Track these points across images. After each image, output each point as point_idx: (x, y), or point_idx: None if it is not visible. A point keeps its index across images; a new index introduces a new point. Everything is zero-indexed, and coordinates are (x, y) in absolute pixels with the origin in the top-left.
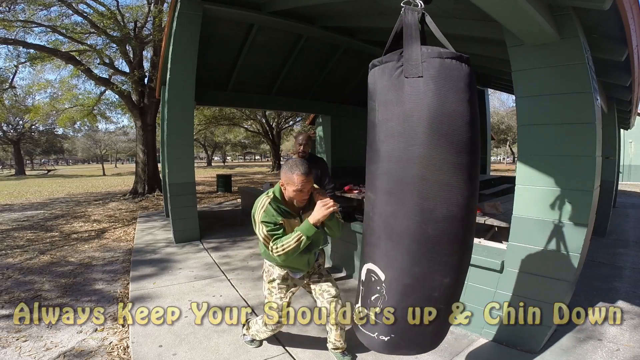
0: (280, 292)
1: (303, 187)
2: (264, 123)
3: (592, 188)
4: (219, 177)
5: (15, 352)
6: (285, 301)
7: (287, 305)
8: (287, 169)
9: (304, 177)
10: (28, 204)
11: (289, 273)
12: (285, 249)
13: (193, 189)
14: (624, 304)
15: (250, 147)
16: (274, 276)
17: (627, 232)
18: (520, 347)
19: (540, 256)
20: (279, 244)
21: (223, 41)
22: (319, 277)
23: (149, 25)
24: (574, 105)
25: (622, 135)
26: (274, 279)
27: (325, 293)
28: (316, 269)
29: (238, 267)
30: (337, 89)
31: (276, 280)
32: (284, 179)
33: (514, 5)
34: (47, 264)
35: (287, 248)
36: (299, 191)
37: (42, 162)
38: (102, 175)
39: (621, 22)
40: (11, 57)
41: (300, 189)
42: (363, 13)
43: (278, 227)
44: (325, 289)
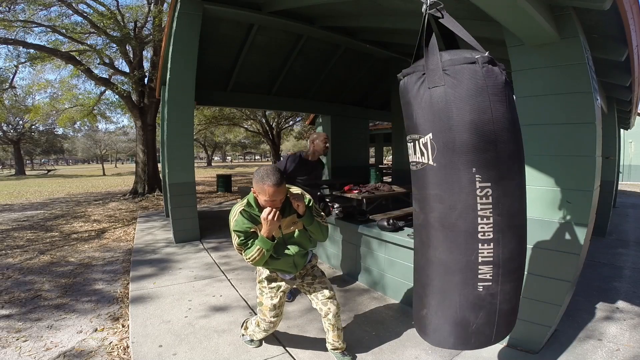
0: (270, 291)
1: (274, 197)
2: (264, 123)
3: (592, 188)
4: (219, 177)
5: (15, 352)
6: (275, 301)
7: (278, 306)
8: (259, 178)
9: (274, 187)
10: (28, 204)
11: (278, 274)
12: (251, 260)
13: (193, 189)
14: (624, 304)
15: (250, 147)
16: (263, 276)
17: (627, 232)
18: (520, 347)
19: (540, 256)
20: (246, 255)
21: (223, 41)
22: (312, 279)
23: (149, 25)
24: (574, 105)
25: (622, 135)
26: (263, 279)
27: (319, 294)
28: (309, 271)
29: (238, 267)
30: (337, 89)
31: (265, 281)
32: (256, 188)
33: (514, 5)
34: (47, 264)
35: (252, 259)
36: (270, 201)
37: (42, 162)
38: (102, 175)
39: (621, 22)
40: (11, 57)
41: (271, 200)
42: (363, 13)
43: (249, 236)
44: (318, 290)
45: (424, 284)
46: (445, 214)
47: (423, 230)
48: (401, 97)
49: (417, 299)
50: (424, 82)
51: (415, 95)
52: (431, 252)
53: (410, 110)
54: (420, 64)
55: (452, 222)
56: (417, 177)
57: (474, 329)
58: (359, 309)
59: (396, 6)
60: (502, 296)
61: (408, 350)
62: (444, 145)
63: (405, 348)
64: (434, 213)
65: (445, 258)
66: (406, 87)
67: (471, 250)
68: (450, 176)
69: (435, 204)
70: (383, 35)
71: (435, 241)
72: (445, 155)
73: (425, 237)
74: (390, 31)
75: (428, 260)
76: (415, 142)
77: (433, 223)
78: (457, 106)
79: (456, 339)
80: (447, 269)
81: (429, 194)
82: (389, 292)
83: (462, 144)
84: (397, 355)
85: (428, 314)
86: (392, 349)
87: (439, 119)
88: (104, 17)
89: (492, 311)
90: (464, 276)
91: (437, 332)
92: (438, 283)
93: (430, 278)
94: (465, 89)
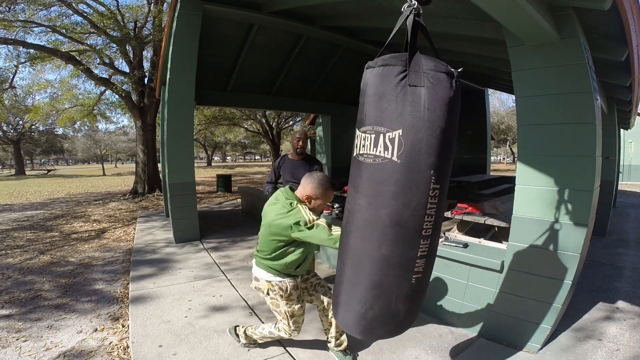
0: (298, 300)
1: (330, 200)
2: (264, 123)
3: (592, 188)
4: (219, 177)
5: (15, 352)
6: (301, 302)
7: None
8: (319, 184)
9: (333, 191)
10: (28, 204)
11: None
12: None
13: (193, 189)
14: (624, 304)
15: (250, 147)
16: (290, 289)
17: (627, 232)
18: (520, 347)
19: (541, 256)
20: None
21: (223, 41)
22: (309, 275)
23: (149, 25)
24: (574, 105)
25: (622, 135)
26: (290, 293)
27: (317, 287)
28: None
29: (238, 267)
30: (337, 89)
31: (292, 292)
32: (315, 193)
33: (514, 5)
34: (47, 264)
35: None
36: (325, 205)
37: (42, 162)
38: (102, 175)
39: (621, 22)
40: (11, 57)
41: (328, 202)
42: (363, 13)
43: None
44: (315, 283)
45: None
46: (398, 211)
47: (369, 225)
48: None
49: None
50: (405, 77)
51: (394, 88)
52: (373, 248)
53: (381, 102)
54: (401, 58)
55: (403, 219)
56: (373, 170)
57: (402, 318)
58: None
59: (396, 6)
60: (425, 283)
61: (408, 350)
62: (412, 144)
63: (405, 348)
64: (387, 209)
65: (389, 254)
66: (385, 77)
67: (415, 246)
68: (411, 175)
69: (389, 200)
70: (383, 35)
71: (382, 237)
72: (410, 155)
73: (370, 233)
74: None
75: (369, 256)
76: (380, 135)
77: (384, 219)
78: (431, 110)
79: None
80: (389, 264)
81: (385, 190)
82: None
83: (429, 146)
84: (397, 355)
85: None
86: (392, 349)
87: (412, 117)
88: (104, 17)
89: (418, 299)
90: (403, 270)
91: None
92: (376, 278)
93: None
94: (440, 96)
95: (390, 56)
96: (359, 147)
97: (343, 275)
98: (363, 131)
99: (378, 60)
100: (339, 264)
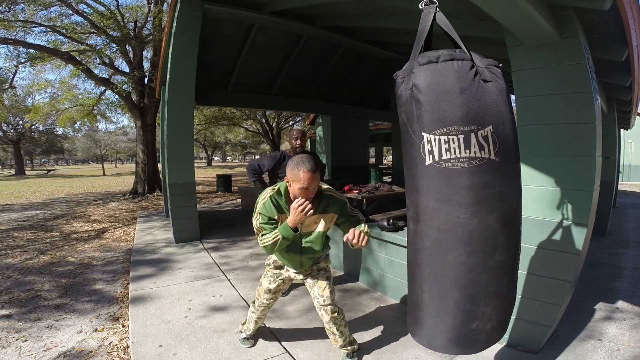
0: (272, 276)
1: (309, 185)
2: (264, 123)
3: (592, 188)
4: (219, 177)
5: (15, 352)
6: (272, 286)
7: (274, 291)
8: (293, 165)
9: (310, 173)
10: (28, 204)
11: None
12: (264, 244)
13: (193, 189)
14: (624, 304)
15: (250, 147)
16: (270, 260)
17: (627, 232)
18: (520, 347)
19: (540, 256)
20: (261, 237)
21: (223, 41)
22: (313, 283)
23: (149, 25)
24: (574, 105)
25: (622, 135)
26: (269, 263)
27: (314, 300)
28: (314, 273)
29: (238, 267)
30: (337, 89)
31: (271, 265)
32: (290, 176)
33: (514, 5)
34: (47, 264)
35: (266, 243)
36: (304, 189)
37: (42, 162)
38: (102, 175)
39: (621, 22)
40: (11, 57)
41: (306, 187)
42: (363, 13)
43: (272, 222)
44: (315, 295)
45: (472, 299)
46: (505, 213)
47: (477, 236)
48: (445, 81)
49: (461, 319)
50: (477, 73)
51: (472, 83)
52: (488, 258)
53: (457, 99)
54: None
55: (510, 220)
56: (470, 175)
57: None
58: (359, 309)
59: (396, 6)
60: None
61: (408, 351)
62: (501, 139)
63: (406, 348)
64: (496, 213)
65: (503, 259)
66: (460, 72)
67: (519, 245)
68: (508, 171)
69: (496, 203)
70: (383, 35)
71: (495, 244)
72: (503, 150)
73: (481, 244)
74: (390, 31)
75: (485, 268)
76: (471, 134)
77: (493, 225)
78: (504, 102)
79: (499, 336)
80: (504, 270)
81: (490, 193)
82: (389, 292)
83: (513, 139)
84: (397, 355)
85: (478, 325)
86: (392, 349)
87: (494, 112)
88: (104, 17)
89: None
90: (511, 272)
91: (483, 335)
92: (493, 288)
93: (483, 287)
94: (501, 88)
95: (450, 51)
96: (439, 152)
97: (447, 301)
98: (443, 133)
99: (442, 56)
100: (432, 290)
